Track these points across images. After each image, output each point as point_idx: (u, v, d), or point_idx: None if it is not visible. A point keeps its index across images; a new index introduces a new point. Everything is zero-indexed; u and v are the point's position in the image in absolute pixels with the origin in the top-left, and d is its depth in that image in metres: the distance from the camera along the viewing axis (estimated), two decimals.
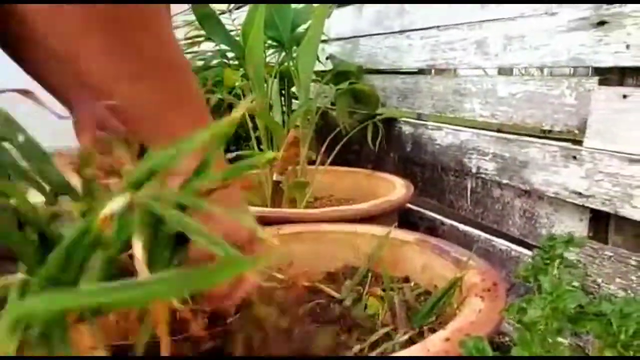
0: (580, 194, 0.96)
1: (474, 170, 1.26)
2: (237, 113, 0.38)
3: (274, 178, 1.31)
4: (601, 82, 0.95)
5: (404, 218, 1.48)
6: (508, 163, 1.15)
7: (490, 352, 0.47)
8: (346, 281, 0.86)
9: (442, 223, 1.40)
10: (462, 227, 1.33)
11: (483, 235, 1.24)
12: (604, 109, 0.93)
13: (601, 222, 0.96)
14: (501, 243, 1.18)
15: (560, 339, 0.46)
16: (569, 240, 0.55)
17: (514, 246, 1.15)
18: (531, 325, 0.42)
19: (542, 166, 1.05)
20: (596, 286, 0.92)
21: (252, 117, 1.48)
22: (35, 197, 0.38)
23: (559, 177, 1.01)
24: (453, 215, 1.39)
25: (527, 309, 0.43)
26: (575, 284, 0.50)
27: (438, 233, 1.39)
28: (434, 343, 0.53)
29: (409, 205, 1.48)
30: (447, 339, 0.53)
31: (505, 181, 1.16)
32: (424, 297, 0.82)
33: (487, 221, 1.26)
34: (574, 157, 0.97)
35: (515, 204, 1.17)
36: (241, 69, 1.67)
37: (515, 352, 0.46)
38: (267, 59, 1.61)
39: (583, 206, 0.97)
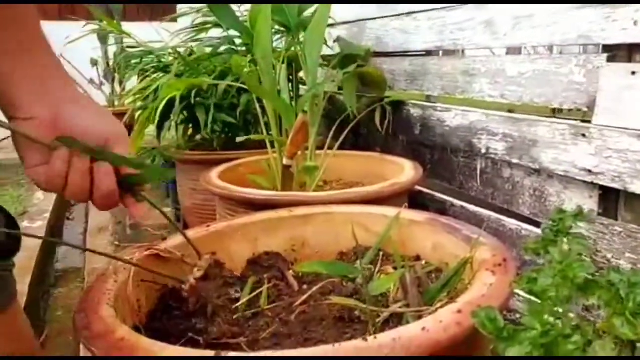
0: (589, 171, 0.97)
1: (483, 151, 1.26)
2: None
3: (284, 162, 1.32)
4: (609, 59, 0.95)
5: (414, 200, 1.48)
6: (517, 143, 1.15)
7: (502, 323, 0.48)
8: (358, 261, 0.87)
9: (452, 204, 1.41)
10: (472, 207, 1.33)
11: (494, 215, 1.25)
12: (613, 85, 0.93)
13: (611, 199, 0.96)
14: (511, 222, 1.19)
15: (570, 315, 0.47)
16: (579, 214, 0.56)
17: (524, 225, 1.16)
18: (542, 293, 0.43)
19: (552, 145, 1.06)
20: (606, 261, 0.93)
21: (261, 102, 1.49)
22: None
23: (569, 155, 1.01)
24: (463, 197, 1.39)
25: (538, 278, 0.44)
26: (586, 259, 0.50)
27: (448, 214, 1.39)
28: (445, 315, 0.54)
29: (418, 187, 1.49)
30: (459, 311, 0.54)
31: (515, 161, 1.17)
32: (435, 275, 0.83)
33: (498, 201, 1.26)
34: (583, 135, 0.98)
35: (525, 184, 1.17)
36: (249, 55, 1.68)
37: (525, 321, 0.47)
38: (274, 44, 1.61)
39: (592, 183, 0.97)
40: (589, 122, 0.97)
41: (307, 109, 1.44)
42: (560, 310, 0.46)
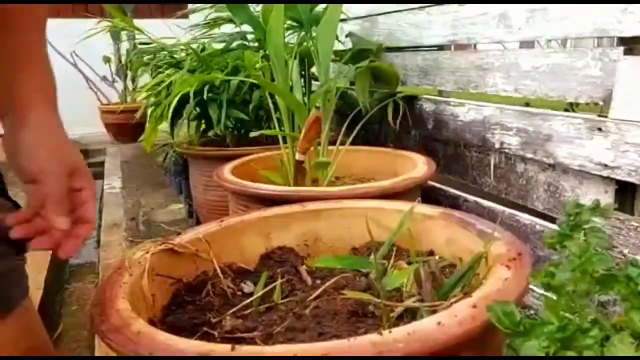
0: (605, 165, 0.96)
1: (497, 146, 1.25)
2: None
3: (296, 158, 1.32)
4: (626, 52, 0.93)
5: (427, 195, 1.48)
6: (532, 137, 1.14)
7: (518, 316, 0.47)
8: (371, 255, 0.87)
9: (466, 199, 1.40)
10: (485, 202, 1.32)
11: (507, 210, 1.24)
12: (630, 79, 0.91)
13: (627, 193, 0.95)
14: (525, 218, 1.18)
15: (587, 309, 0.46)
16: (595, 207, 0.55)
17: (538, 220, 1.15)
18: (560, 287, 0.43)
19: (567, 139, 1.05)
20: (622, 256, 0.92)
21: (273, 98, 1.49)
22: None
23: (584, 149, 1.00)
24: (476, 192, 1.38)
25: (556, 272, 0.44)
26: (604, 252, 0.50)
27: (462, 209, 1.38)
28: (460, 309, 0.54)
29: (431, 182, 1.48)
30: (474, 306, 0.54)
31: (529, 155, 1.16)
32: (449, 270, 0.82)
33: (511, 196, 1.25)
34: (599, 129, 0.97)
35: (539, 178, 1.16)
36: (261, 51, 1.68)
37: (542, 316, 0.46)
38: (286, 40, 1.61)
39: (608, 178, 0.96)
40: (605, 116, 0.96)
41: (320, 104, 1.44)
42: (578, 305, 0.46)
